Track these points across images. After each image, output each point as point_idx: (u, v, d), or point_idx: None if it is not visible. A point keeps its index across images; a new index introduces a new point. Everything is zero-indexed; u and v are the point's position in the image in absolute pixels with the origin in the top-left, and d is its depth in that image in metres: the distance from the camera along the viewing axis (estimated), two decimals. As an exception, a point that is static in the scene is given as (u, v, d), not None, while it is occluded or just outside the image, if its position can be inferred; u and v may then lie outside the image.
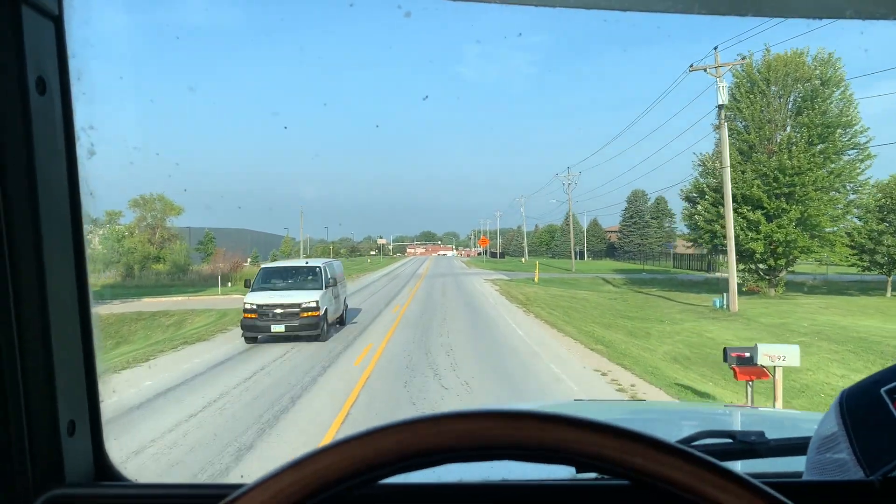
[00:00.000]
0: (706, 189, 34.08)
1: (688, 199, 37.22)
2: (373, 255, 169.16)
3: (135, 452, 7.94)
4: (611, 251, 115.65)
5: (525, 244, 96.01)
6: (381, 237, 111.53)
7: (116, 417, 9.51)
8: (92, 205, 1.07)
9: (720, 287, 37.32)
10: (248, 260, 71.93)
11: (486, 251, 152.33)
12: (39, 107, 0.94)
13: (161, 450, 8.03)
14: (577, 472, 0.92)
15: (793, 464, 1.34)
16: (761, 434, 1.48)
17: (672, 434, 2.05)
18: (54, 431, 0.98)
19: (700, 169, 35.62)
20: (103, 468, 1.08)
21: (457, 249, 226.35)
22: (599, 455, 0.57)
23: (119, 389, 11.66)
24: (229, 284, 40.13)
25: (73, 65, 1.01)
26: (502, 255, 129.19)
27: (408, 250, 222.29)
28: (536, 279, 41.53)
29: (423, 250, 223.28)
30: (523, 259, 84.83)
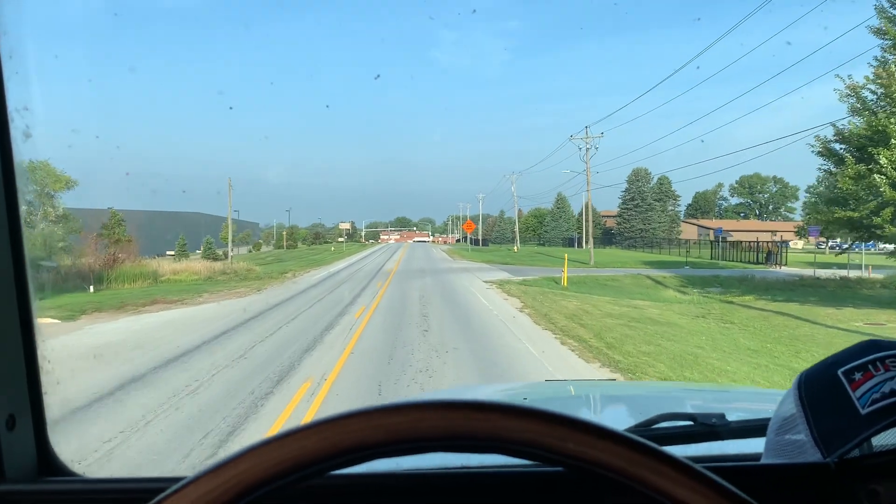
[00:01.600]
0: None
1: (830, 154, 22.52)
2: (340, 241, 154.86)
3: None
4: (608, 237, 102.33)
5: (517, 230, 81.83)
6: (343, 222, 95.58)
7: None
8: (29, 187, 0.86)
9: (862, 292, 23.67)
10: (176, 248, 57.30)
11: (467, 238, 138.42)
12: None
13: None
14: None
15: (753, 445, 1.34)
16: (722, 416, 1.48)
17: (633, 416, 2.09)
18: None
19: (851, 102, 21.09)
20: (48, 463, 1.04)
21: (433, 236, 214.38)
22: (532, 442, 0.56)
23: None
24: (106, 285, 26.26)
25: (5, 42, 0.96)
26: (485, 243, 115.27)
27: (381, 237, 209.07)
28: (565, 282, 27.32)
29: (398, 236, 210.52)
30: (515, 248, 70.84)
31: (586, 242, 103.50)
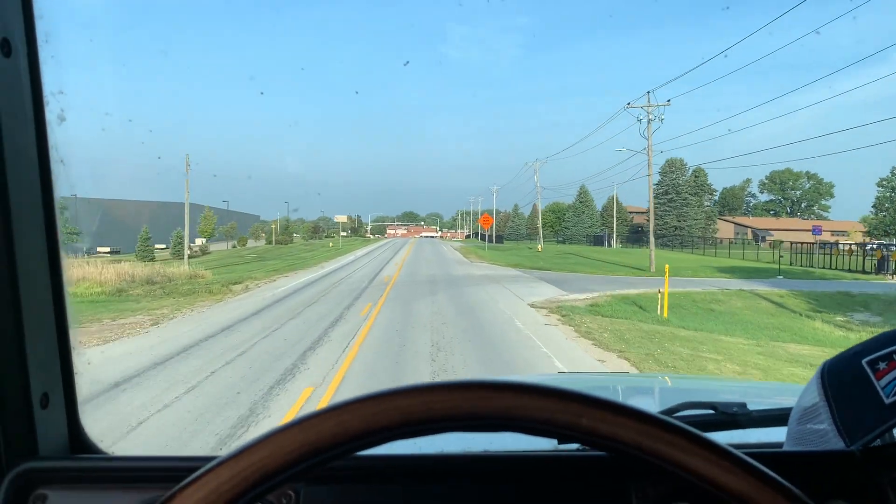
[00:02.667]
0: None
1: None
2: (344, 236, 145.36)
3: None
4: (636, 235, 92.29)
5: (540, 225, 71.83)
6: (340, 215, 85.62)
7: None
8: (63, 172, 1.03)
9: None
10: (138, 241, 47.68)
11: (478, 233, 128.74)
12: (5, 69, 0.89)
13: None
14: (559, 442, 0.94)
15: (774, 434, 1.35)
16: (743, 405, 1.46)
17: (653, 405, 2.10)
18: (27, 404, 0.95)
19: None
20: (78, 441, 1.07)
21: (441, 231, 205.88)
22: (547, 419, 0.56)
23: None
24: None
25: (41, 26, 0.96)
26: (499, 239, 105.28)
27: (387, 231, 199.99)
28: (665, 311, 17.04)
29: (405, 231, 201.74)
30: (539, 246, 60.82)
31: (595, 241, 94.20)
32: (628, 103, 34.57)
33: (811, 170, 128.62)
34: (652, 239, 34.70)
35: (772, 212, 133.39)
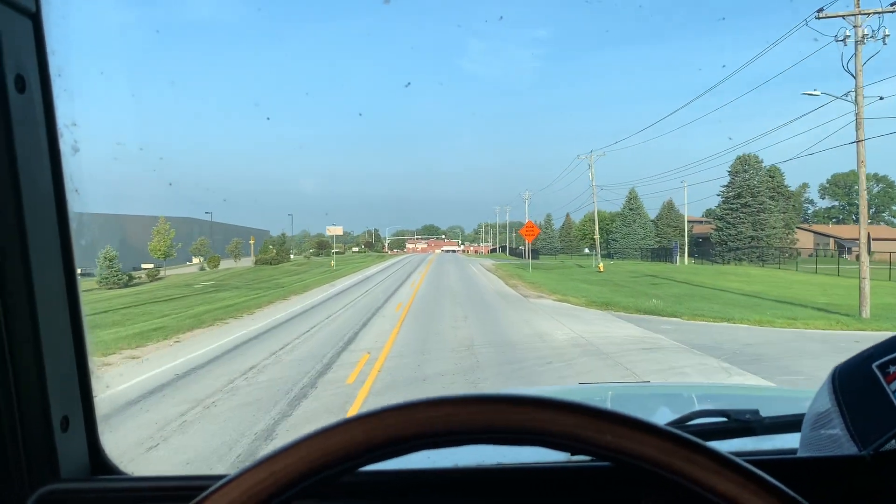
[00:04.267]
0: None
1: None
2: (355, 251, 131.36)
3: None
4: (699, 247, 76.97)
5: (597, 237, 56.89)
6: (332, 226, 70.50)
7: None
8: (77, 201, 1.05)
9: None
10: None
11: (505, 247, 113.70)
12: (19, 105, 0.92)
13: None
14: (572, 454, 0.94)
15: (788, 441, 1.33)
16: (756, 412, 1.44)
17: (666, 414, 2.14)
18: (47, 427, 0.97)
19: None
20: (99, 462, 1.08)
21: (463, 244, 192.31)
22: (570, 434, 0.56)
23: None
24: None
25: (53, 62, 0.99)
26: (534, 254, 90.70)
27: (407, 245, 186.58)
28: None
29: (425, 245, 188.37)
30: (600, 264, 45.65)
31: (652, 256, 78.81)
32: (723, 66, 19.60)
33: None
34: (864, 259, 19.12)
35: (834, 219, 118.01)
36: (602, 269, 42.67)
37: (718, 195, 72.62)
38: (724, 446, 1.06)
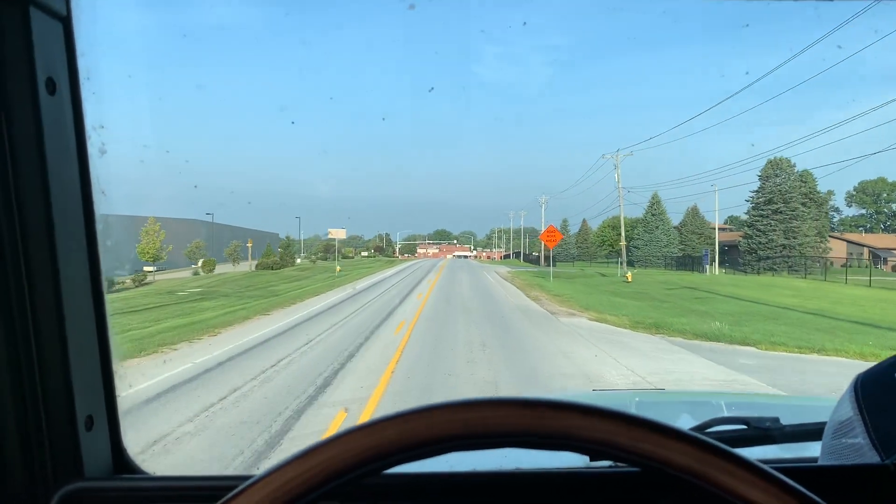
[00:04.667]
0: None
1: None
2: (365, 256, 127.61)
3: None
4: (725, 256, 72.58)
5: (623, 243, 52.93)
6: (335, 228, 66.26)
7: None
8: (104, 203, 1.06)
9: None
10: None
11: (518, 254, 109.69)
12: (49, 107, 0.94)
13: None
14: (591, 460, 0.98)
15: (808, 449, 1.34)
16: (776, 420, 1.44)
17: (686, 421, 2.10)
18: (72, 426, 0.98)
19: None
20: (121, 462, 1.09)
21: (475, 250, 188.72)
22: (607, 441, 0.56)
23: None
24: None
25: (82, 64, 1.01)
26: (551, 260, 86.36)
27: (418, 250, 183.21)
28: None
29: (437, 251, 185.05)
30: (628, 273, 41.38)
31: (675, 265, 74.39)
32: None
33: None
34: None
35: (861, 227, 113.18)
36: (630, 279, 38.62)
37: (747, 201, 68.27)
38: (744, 454, 0.96)
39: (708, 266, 58.92)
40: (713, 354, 13.05)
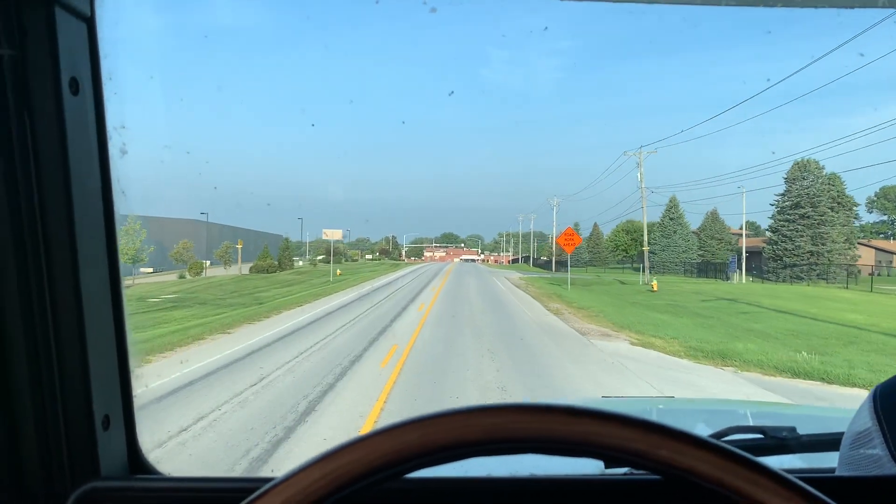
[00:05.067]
0: None
1: None
2: (369, 259, 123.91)
3: None
4: (749, 263, 68.55)
5: (646, 249, 49.19)
6: (330, 229, 61.19)
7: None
8: (124, 203, 1.06)
9: None
10: None
11: (528, 258, 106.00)
12: (73, 107, 0.94)
13: None
14: (606, 466, 1.01)
15: (825, 460, 1.34)
16: (793, 430, 1.42)
17: (701, 430, 2.03)
18: (90, 426, 0.98)
19: None
20: (137, 462, 1.09)
21: (483, 254, 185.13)
22: (626, 448, 0.56)
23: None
24: None
25: (105, 65, 1.01)
26: (563, 265, 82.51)
27: (425, 253, 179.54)
28: None
29: (444, 254, 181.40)
30: (653, 282, 37.22)
31: (695, 271, 70.22)
32: None
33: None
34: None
35: (882, 234, 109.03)
36: (656, 288, 34.76)
37: (772, 205, 64.24)
38: None
39: (735, 273, 54.88)
40: (819, 402, 9.28)
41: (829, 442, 1.36)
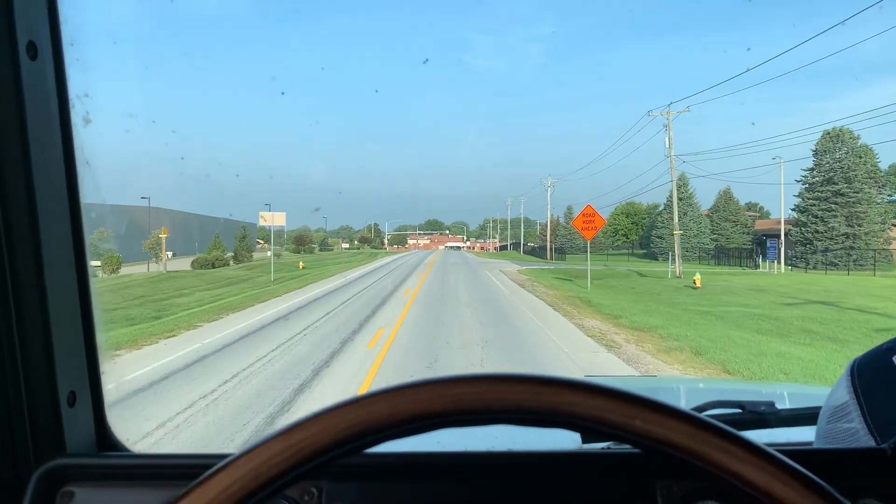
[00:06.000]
0: None
1: None
2: (346, 248, 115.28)
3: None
4: (764, 245, 60.56)
5: (676, 236, 40.85)
6: (270, 211, 52.19)
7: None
8: (88, 173, 1.02)
9: None
10: None
11: (517, 244, 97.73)
12: (31, 72, 0.90)
13: None
14: (583, 441, 1.01)
15: (803, 434, 1.35)
16: (771, 404, 1.42)
17: (681, 404, 2.04)
18: (54, 402, 0.97)
19: None
20: (105, 439, 1.07)
21: (469, 241, 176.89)
22: (598, 418, 0.55)
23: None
24: None
25: (66, 30, 0.97)
26: (560, 253, 74.28)
27: (409, 241, 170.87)
28: None
29: (428, 241, 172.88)
30: (696, 276, 28.89)
31: (712, 258, 61.62)
32: None
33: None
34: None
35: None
36: (699, 285, 26.37)
37: (799, 181, 56.22)
38: None
39: (773, 261, 46.62)
40: None
41: (807, 416, 1.35)
